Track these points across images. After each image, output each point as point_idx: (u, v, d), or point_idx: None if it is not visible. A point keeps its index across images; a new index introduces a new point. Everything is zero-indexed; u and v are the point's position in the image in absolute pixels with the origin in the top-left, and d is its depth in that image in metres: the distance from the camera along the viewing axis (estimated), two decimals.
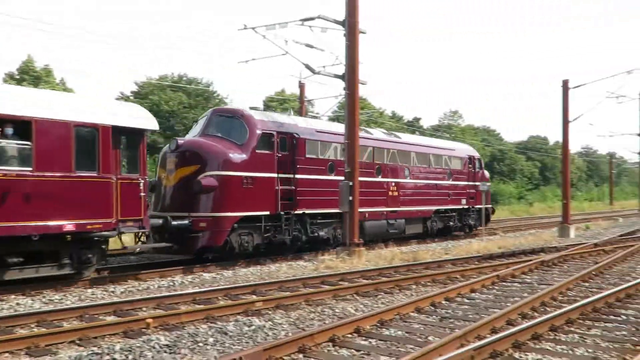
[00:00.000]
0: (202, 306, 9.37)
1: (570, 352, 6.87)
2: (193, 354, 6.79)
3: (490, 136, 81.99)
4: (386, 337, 7.58)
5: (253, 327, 8.03)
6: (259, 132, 15.40)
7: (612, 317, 8.77)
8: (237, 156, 14.87)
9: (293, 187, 16.15)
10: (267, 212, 15.38)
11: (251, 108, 17.21)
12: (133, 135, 12.46)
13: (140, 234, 13.17)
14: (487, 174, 27.82)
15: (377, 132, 21.36)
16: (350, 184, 16.06)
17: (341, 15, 16.27)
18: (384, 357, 6.66)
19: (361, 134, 17.68)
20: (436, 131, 70.46)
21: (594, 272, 13.09)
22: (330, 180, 17.27)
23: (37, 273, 10.98)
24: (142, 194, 12.26)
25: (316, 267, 14.67)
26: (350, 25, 16.22)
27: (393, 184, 20.26)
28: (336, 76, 16.91)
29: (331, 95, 35.92)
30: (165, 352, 6.79)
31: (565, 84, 26.02)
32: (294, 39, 16.32)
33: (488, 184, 26.29)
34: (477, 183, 24.75)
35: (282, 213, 15.73)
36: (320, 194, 17.01)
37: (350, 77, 16.34)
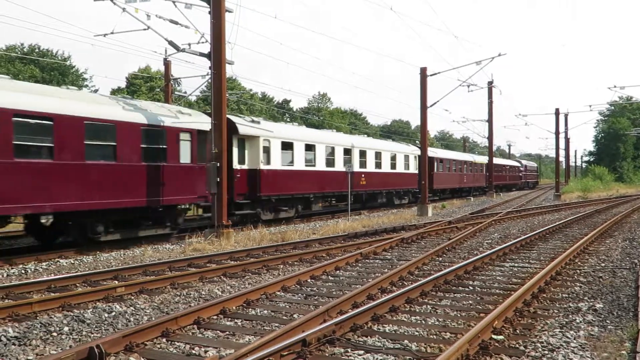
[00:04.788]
0: (56, 294, 8.81)
1: (423, 322, 7.36)
2: (46, 345, 6.38)
3: (357, 119, 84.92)
4: (252, 317, 7.63)
5: (113, 314, 7.71)
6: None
7: (460, 288, 9.54)
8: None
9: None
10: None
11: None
12: None
13: None
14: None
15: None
16: (218, 165, 15.85)
17: None
18: (249, 337, 6.70)
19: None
20: (306, 114, 71.51)
21: (447, 248, 14.12)
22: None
23: None
24: None
25: (183, 250, 14.38)
26: (215, 3, 15.83)
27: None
28: (202, 55, 16.44)
29: (199, 74, 34.99)
30: (13, 344, 6.32)
31: (423, 72, 27.54)
32: (158, 13, 15.64)
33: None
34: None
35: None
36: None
37: (217, 56, 15.96)
